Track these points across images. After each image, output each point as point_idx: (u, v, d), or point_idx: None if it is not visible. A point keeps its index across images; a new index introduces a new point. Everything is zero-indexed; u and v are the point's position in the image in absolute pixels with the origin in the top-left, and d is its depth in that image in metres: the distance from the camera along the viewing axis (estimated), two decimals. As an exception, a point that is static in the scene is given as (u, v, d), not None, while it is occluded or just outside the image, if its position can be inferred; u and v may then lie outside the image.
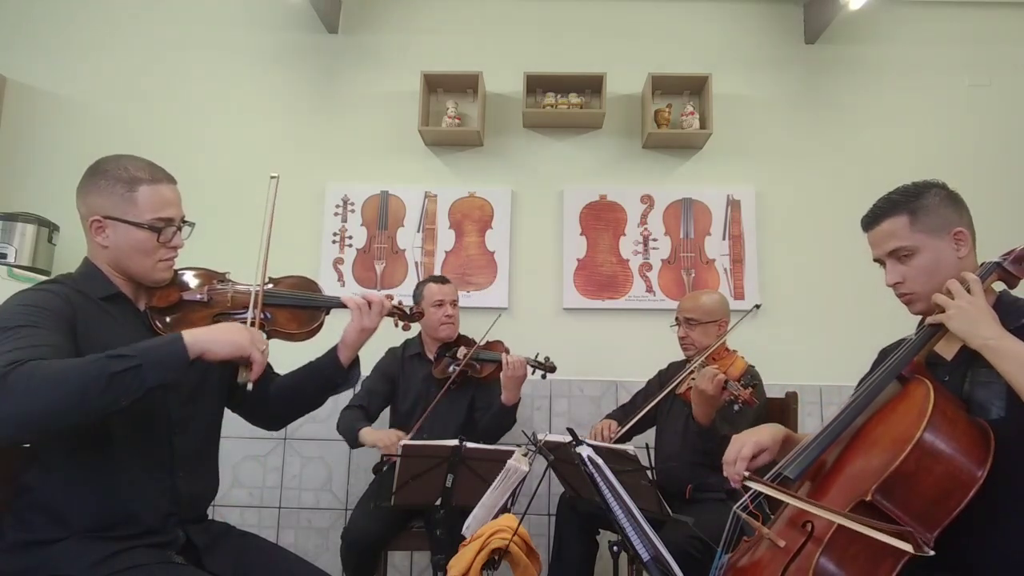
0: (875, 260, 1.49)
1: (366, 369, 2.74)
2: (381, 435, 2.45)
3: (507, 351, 2.58)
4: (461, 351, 2.63)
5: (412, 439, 2.34)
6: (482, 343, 2.63)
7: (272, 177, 1.53)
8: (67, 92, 3.42)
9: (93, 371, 1.15)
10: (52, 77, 3.43)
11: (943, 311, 1.32)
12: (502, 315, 2.61)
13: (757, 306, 2.46)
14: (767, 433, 1.49)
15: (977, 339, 1.26)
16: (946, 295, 1.33)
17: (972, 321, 1.27)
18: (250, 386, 1.36)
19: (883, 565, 1.13)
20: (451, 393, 2.60)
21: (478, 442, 2.06)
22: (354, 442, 2.54)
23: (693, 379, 2.25)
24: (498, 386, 2.53)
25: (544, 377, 2.58)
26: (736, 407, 1.99)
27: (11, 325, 1.22)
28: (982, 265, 1.38)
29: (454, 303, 2.70)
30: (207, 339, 1.28)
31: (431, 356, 2.72)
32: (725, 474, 1.44)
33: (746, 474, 1.38)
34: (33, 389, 1.10)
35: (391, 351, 2.83)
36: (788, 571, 1.19)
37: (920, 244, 1.39)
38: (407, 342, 2.82)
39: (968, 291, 1.30)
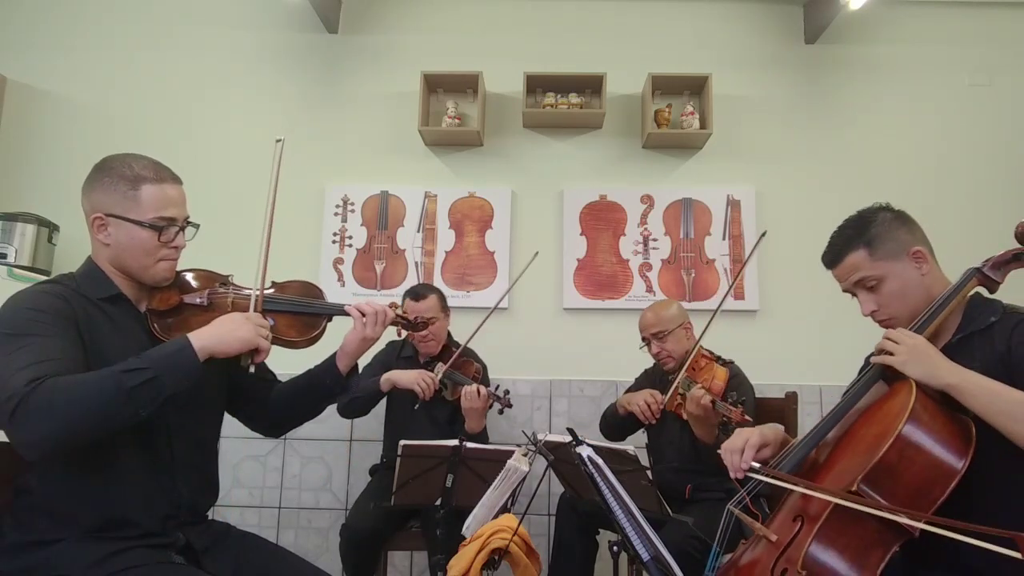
0: (845, 292, 1.50)
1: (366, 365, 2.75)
2: (412, 375, 2.46)
3: (477, 376, 2.52)
4: (438, 367, 2.56)
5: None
6: (459, 355, 2.57)
7: (278, 140, 1.55)
8: (67, 92, 3.42)
9: (111, 387, 1.18)
10: (52, 77, 3.43)
11: (889, 354, 1.33)
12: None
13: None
14: (771, 430, 1.50)
15: (938, 380, 1.27)
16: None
17: (929, 364, 1.28)
18: (252, 368, 1.43)
19: (872, 555, 1.17)
20: (436, 403, 2.57)
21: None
22: (376, 394, 2.55)
23: (680, 393, 2.25)
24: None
25: (501, 412, 2.51)
26: (731, 428, 1.97)
27: (19, 332, 1.23)
28: (964, 272, 1.39)
29: (432, 320, 2.52)
30: (214, 339, 1.31)
31: (422, 361, 2.71)
32: (726, 462, 1.42)
33: (755, 464, 1.37)
34: (55, 411, 1.13)
35: (391, 344, 2.81)
36: (778, 562, 1.22)
37: (884, 272, 1.41)
38: (404, 341, 2.81)
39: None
